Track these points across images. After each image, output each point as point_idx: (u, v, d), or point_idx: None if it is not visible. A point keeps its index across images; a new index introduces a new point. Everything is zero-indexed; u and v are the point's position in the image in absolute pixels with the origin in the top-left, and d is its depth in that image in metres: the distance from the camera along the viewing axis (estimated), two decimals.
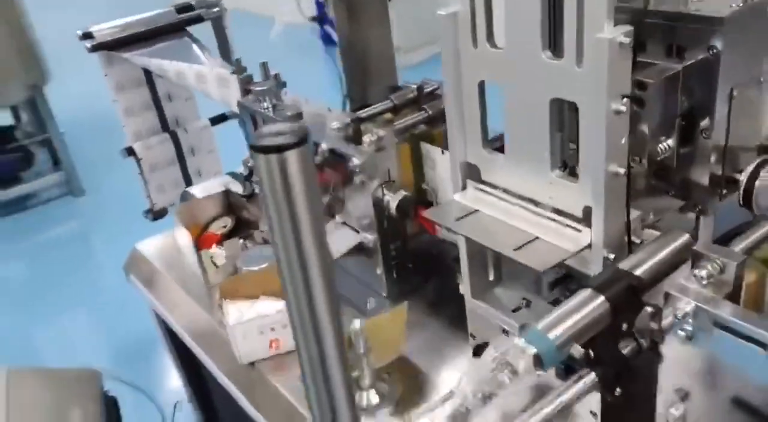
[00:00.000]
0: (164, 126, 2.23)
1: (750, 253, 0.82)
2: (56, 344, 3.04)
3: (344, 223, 1.35)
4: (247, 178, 1.65)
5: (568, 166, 0.93)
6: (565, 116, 0.91)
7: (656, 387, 0.83)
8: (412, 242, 1.32)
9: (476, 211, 0.99)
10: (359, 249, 1.32)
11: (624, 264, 0.82)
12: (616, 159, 0.82)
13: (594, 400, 0.83)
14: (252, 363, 1.25)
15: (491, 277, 1.11)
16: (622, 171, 0.82)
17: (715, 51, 0.86)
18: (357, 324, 1.07)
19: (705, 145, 0.92)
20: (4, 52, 3.65)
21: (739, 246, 0.79)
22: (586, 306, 0.76)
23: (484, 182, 1.01)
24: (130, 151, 2.22)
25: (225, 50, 2.56)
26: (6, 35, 3.65)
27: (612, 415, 0.85)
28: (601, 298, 0.77)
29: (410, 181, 1.27)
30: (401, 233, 1.29)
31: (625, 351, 0.82)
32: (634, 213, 0.88)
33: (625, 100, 0.78)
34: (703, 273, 0.75)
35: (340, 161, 1.23)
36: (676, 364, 0.80)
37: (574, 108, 0.85)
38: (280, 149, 0.52)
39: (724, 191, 0.95)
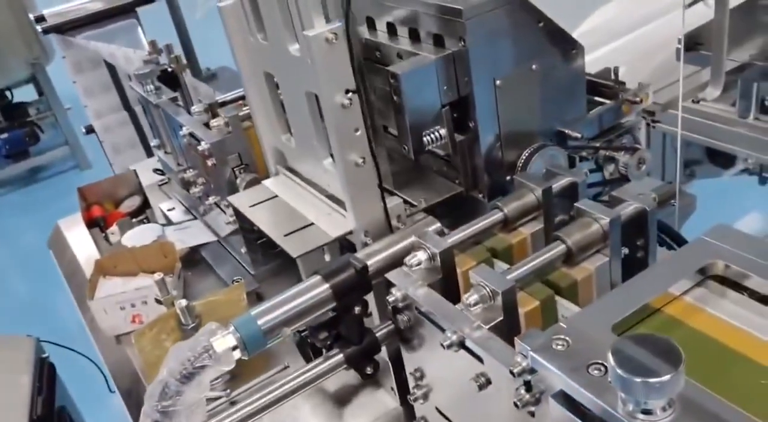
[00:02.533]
0: (125, 105, 2.33)
1: (477, 242, 0.84)
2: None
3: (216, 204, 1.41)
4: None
5: None
6: None
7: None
8: None
9: (275, 196, 1.04)
10: None
11: (365, 251, 0.85)
12: (353, 149, 0.85)
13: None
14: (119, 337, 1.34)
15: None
16: (360, 160, 0.85)
17: (463, 42, 0.87)
18: (183, 302, 1.13)
19: (477, 132, 0.94)
20: (4, 29, 3.79)
21: (457, 235, 0.81)
22: (309, 292, 0.81)
23: (290, 169, 1.06)
24: (90, 129, 2.33)
25: (181, 30, 2.64)
26: (6, 12, 3.79)
27: None
28: (325, 285, 0.81)
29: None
30: None
31: (378, 333, 0.86)
32: (395, 200, 0.91)
33: (349, 94, 0.81)
34: (414, 261, 0.78)
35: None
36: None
37: None
38: None
39: (508, 177, 0.97)
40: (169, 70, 1.61)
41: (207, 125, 1.31)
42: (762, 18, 1.29)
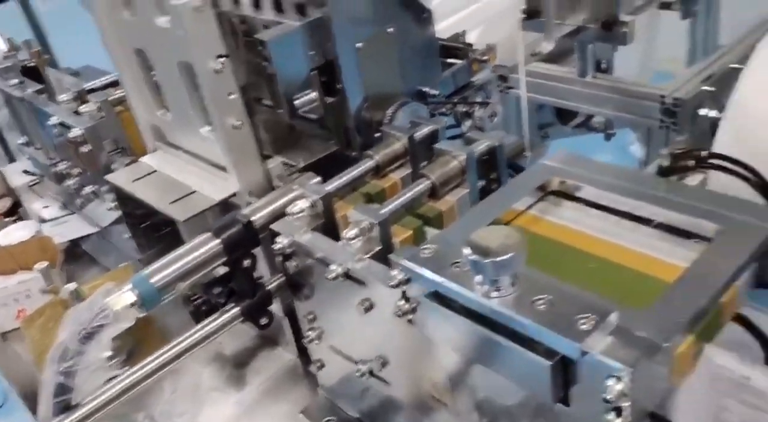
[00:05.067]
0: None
1: (354, 189, 0.92)
2: None
3: None
4: None
5: None
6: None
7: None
8: None
9: (154, 171, 1.07)
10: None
11: (248, 208, 0.91)
12: (230, 113, 0.91)
13: None
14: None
15: None
16: (238, 123, 0.91)
17: (325, 9, 0.94)
18: (71, 286, 1.13)
19: (345, 94, 1.01)
20: None
21: (335, 183, 0.89)
22: (200, 248, 0.85)
23: (169, 144, 1.09)
24: None
25: (37, 29, 2.53)
26: None
27: None
28: (216, 240, 0.86)
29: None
30: None
31: (269, 286, 0.92)
32: (275, 162, 0.97)
33: (221, 59, 0.86)
34: (296, 208, 0.85)
35: None
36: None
37: None
38: None
39: (377, 134, 1.05)
40: (30, 65, 1.58)
41: (77, 113, 1.30)
42: None
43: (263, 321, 0.94)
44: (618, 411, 0.54)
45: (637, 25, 2.06)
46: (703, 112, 1.41)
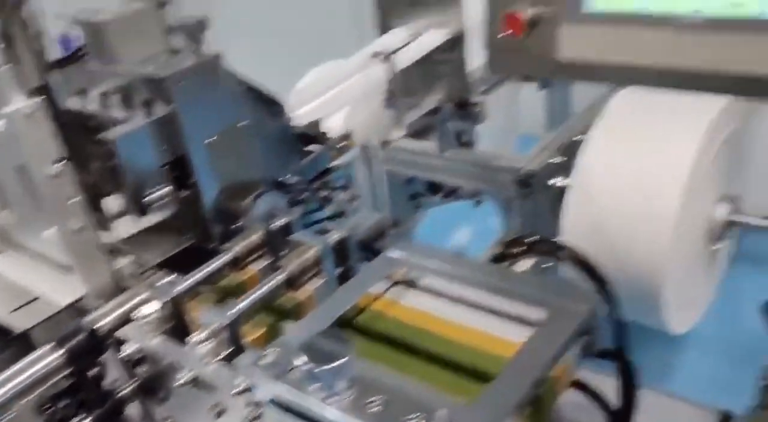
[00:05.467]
0: None
1: (213, 284, 0.91)
2: None
3: None
4: None
5: None
6: None
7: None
8: None
9: None
10: None
11: (92, 316, 0.87)
12: (71, 216, 0.88)
13: None
14: None
15: None
16: (79, 226, 0.88)
17: (171, 106, 0.95)
18: None
19: (198, 187, 1.01)
20: None
21: (187, 281, 0.88)
22: (41, 361, 0.81)
23: (15, 244, 1.03)
24: None
25: None
26: None
27: None
28: (59, 351, 0.82)
29: None
30: None
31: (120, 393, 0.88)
32: (125, 261, 0.95)
33: (58, 164, 0.84)
34: (143, 313, 0.82)
35: None
36: None
37: None
38: None
39: (235, 225, 1.05)
40: None
41: None
42: (439, 69, 1.54)
43: None
44: None
45: (499, 96, 2.20)
46: (554, 181, 1.51)
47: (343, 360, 0.57)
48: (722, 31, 0.60)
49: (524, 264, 0.84)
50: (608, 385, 0.80)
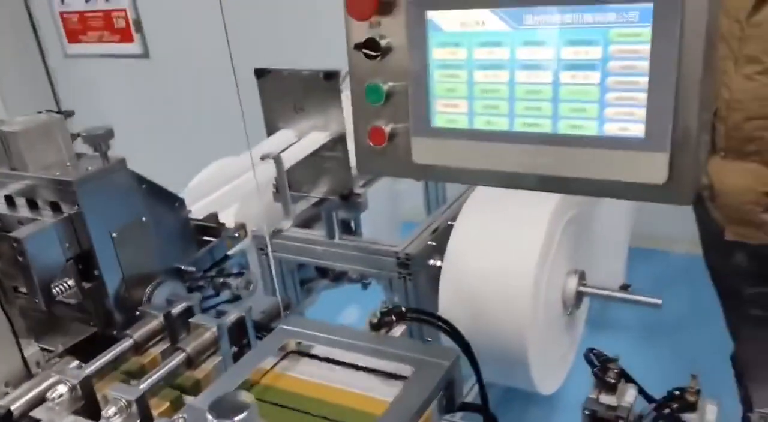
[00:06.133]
0: None
1: (115, 368, 1.00)
2: None
3: None
4: None
5: None
6: None
7: None
8: None
9: None
10: None
11: (6, 398, 0.93)
12: None
13: None
14: None
15: None
16: None
17: (77, 206, 1.05)
18: None
19: (103, 278, 1.10)
20: None
21: (94, 365, 0.96)
22: None
23: None
24: None
25: None
26: None
27: None
28: None
29: None
30: None
31: None
32: (33, 349, 1.01)
33: None
34: (55, 394, 0.89)
35: None
36: None
37: None
38: None
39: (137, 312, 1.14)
40: None
41: None
42: (325, 165, 1.72)
43: None
44: None
45: (382, 186, 2.42)
46: (431, 262, 1.69)
47: (244, 414, 0.68)
48: (529, 142, 0.79)
49: (398, 331, 0.99)
50: None
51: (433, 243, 1.69)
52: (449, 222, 1.73)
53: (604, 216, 1.93)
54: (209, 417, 0.69)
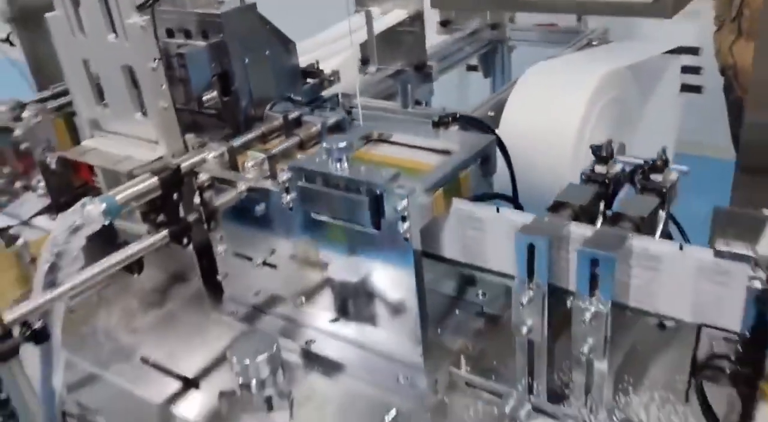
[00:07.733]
0: None
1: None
2: None
3: None
4: None
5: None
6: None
7: None
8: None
9: (95, 148, 1.47)
10: None
11: (177, 159, 1.33)
12: (161, 98, 1.35)
13: None
14: None
15: None
16: (167, 105, 1.35)
17: (222, 35, 1.42)
18: (21, 241, 1.47)
19: (238, 94, 1.48)
20: None
21: (238, 141, 1.35)
22: (144, 182, 1.26)
23: (104, 130, 1.49)
24: None
25: None
26: None
27: None
28: (154, 178, 1.27)
29: (69, 145, 1.70)
30: (70, 187, 1.71)
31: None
32: (190, 136, 1.42)
33: (155, 60, 1.31)
34: (211, 155, 1.29)
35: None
36: None
37: None
38: None
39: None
40: None
41: (16, 120, 1.66)
42: (402, 38, 2.05)
43: (184, 242, 1.35)
44: (403, 219, 1.04)
45: (451, 82, 2.77)
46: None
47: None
48: None
49: (453, 128, 1.34)
50: None
51: (491, 114, 2.00)
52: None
53: (650, 107, 2.17)
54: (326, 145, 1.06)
